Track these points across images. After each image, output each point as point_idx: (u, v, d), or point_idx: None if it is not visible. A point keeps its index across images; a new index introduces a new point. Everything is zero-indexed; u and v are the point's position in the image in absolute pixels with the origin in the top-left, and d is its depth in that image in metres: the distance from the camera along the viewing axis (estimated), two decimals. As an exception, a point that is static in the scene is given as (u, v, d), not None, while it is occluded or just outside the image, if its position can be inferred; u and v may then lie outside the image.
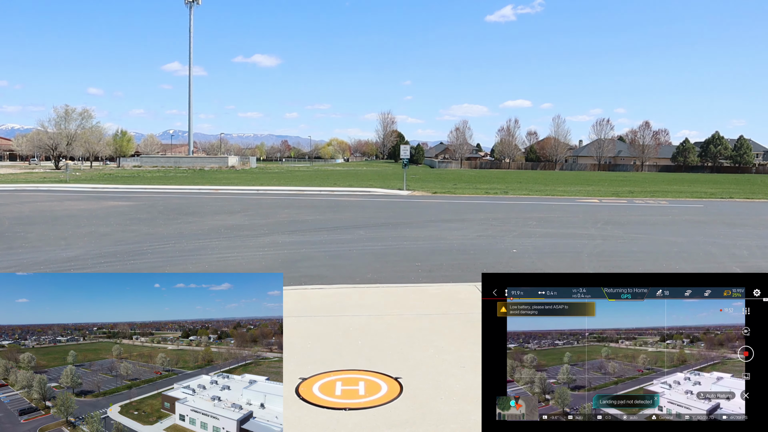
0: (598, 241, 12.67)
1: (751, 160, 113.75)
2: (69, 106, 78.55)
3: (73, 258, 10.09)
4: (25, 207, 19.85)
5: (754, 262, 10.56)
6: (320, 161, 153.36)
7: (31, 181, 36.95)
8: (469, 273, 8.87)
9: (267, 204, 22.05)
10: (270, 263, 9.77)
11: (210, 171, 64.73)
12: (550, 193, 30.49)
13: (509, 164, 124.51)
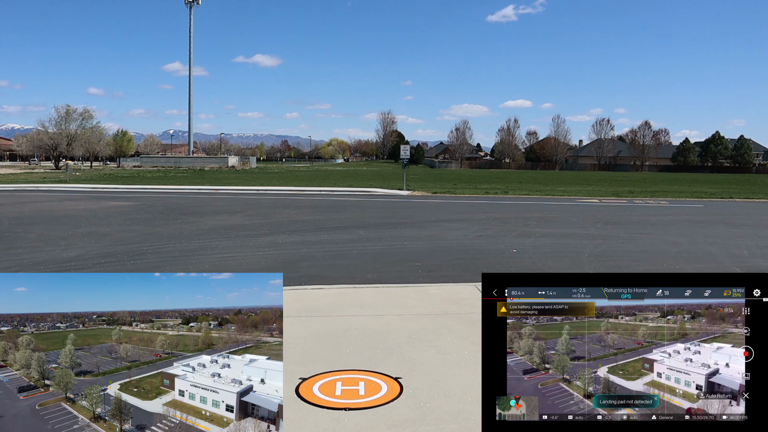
0: (598, 241, 12.67)
1: (751, 160, 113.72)
2: (70, 106, 78.63)
3: (73, 258, 10.09)
4: (25, 207, 19.85)
5: (754, 262, 10.56)
6: (320, 161, 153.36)
7: (31, 181, 36.94)
8: (469, 273, 8.87)
9: (267, 204, 22.05)
10: (270, 263, 9.77)
11: (210, 171, 64.73)
12: (550, 193, 30.49)
13: (509, 164, 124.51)
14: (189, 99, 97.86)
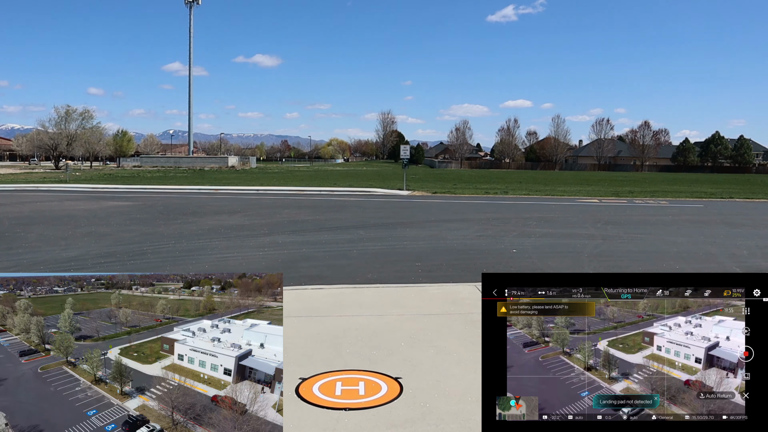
0: (598, 241, 12.67)
1: (751, 160, 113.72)
2: (70, 107, 78.71)
3: (73, 258, 10.10)
4: (24, 207, 19.85)
5: (754, 262, 10.56)
6: (320, 161, 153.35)
7: (31, 181, 36.95)
8: (469, 273, 8.87)
9: (267, 204, 22.05)
10: (270, 263, 9.77)
11: (210, 171, 64.74)
12: (550, 193, 30.49)
13: (509, 164, 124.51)
14: (189, 99, 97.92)
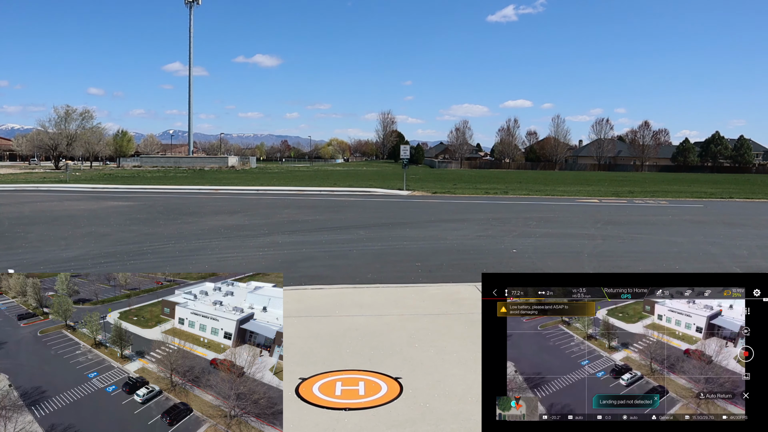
0: (598, 241, 12.67)
1: (751, 160, 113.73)
2: (70, 107, 78.69)
3: (73, 258, 10.10)
4: (25, 207, 19.85)
5: (754, 262, 10.56)
6: (320, 161, 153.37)
7: (31, 181, 36.94)
8: (469, 273, 8.87)
9: (267, 204, 22.05)
10: (270, 263, 9.77)
11: (210, 171, 64.73)
12: (550, 193, 30.49)
13: (509, 164, 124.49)
14: (189, 99, 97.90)
